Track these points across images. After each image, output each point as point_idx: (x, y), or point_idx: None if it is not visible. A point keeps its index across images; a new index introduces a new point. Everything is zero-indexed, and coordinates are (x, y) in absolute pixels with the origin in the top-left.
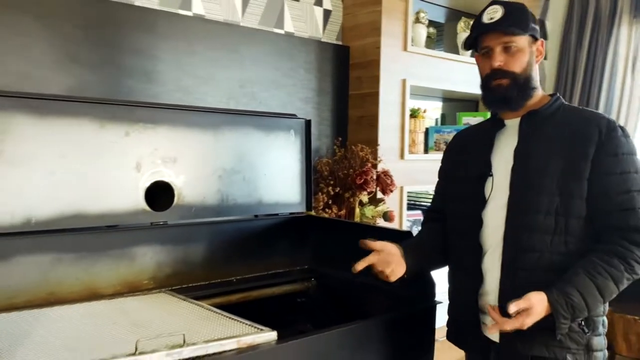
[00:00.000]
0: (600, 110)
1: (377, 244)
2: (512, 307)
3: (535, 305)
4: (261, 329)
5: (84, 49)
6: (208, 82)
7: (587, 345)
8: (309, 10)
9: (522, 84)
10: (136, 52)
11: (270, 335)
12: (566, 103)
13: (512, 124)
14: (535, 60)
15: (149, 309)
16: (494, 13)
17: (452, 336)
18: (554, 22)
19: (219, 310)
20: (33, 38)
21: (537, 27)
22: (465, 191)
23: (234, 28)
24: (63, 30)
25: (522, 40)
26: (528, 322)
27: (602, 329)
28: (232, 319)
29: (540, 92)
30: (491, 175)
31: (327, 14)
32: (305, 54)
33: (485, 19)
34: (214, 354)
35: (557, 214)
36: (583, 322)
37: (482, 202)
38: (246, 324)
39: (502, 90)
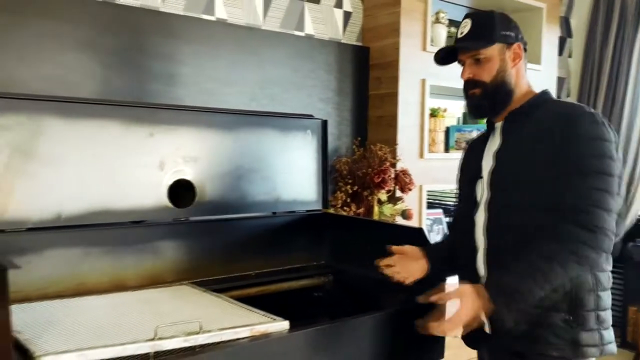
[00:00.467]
0: (626, 108)
1: (399, 248)
2: (420, 298)
3: (463, 296)
4: (274, 319)
5: (112, 54)
6: (230, 84)
7: (574, 341)
8: (329, 12)
9: (493, 91)
10: (162, 57)
11: (283, 325)
12: (554, 98)
13: (499, 126)
14: (510, 64)
15: (170, 299)
16: (464, 27)
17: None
18: (579, 20)
19: (236, 302)
20: (65, 44)
21: (512, 33)
22: (465, 193)
23: (256, 31)
24: (94, 36)
25: (489, 51)
26: (463, 313)
27: (595, 324)
28: (248, 309)
29: (527, 91)
30: (481, 177)
31: (347, 15)
32: (325, 55)
33: (459, 33)
34: (229, 340)
35: (533, 210)
36: (571, 317)
37: (474, 203)
38: (260, 314)
39: (476, 100)
